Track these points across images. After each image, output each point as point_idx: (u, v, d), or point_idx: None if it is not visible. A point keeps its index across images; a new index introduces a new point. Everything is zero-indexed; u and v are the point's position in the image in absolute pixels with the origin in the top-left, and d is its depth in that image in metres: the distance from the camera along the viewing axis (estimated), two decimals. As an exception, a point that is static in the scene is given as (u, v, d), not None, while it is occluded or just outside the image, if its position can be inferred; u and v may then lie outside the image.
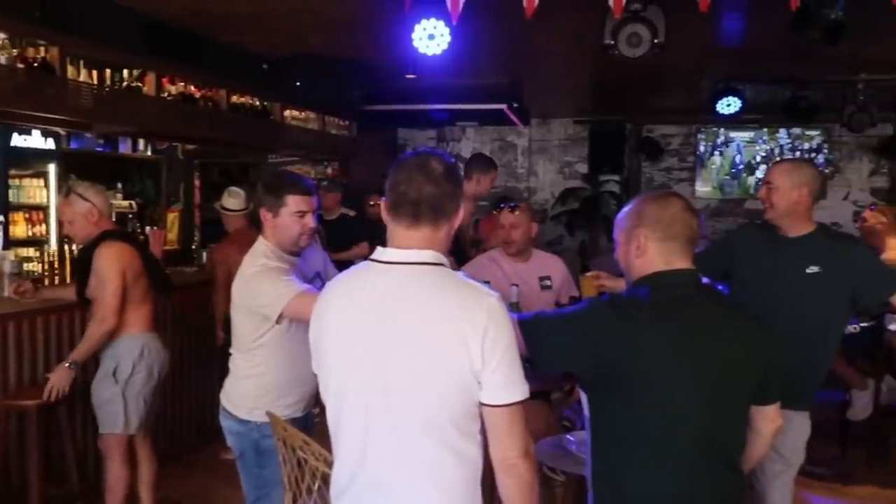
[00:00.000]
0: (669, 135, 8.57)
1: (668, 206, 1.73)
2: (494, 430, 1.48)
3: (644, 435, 1.66)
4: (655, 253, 1.71)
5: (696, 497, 1.68)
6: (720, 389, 1.67)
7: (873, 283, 2.48)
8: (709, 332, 1.68)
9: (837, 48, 3.77)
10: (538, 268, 3.47)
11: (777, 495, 2.53)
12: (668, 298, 1.67)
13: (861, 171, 8.10)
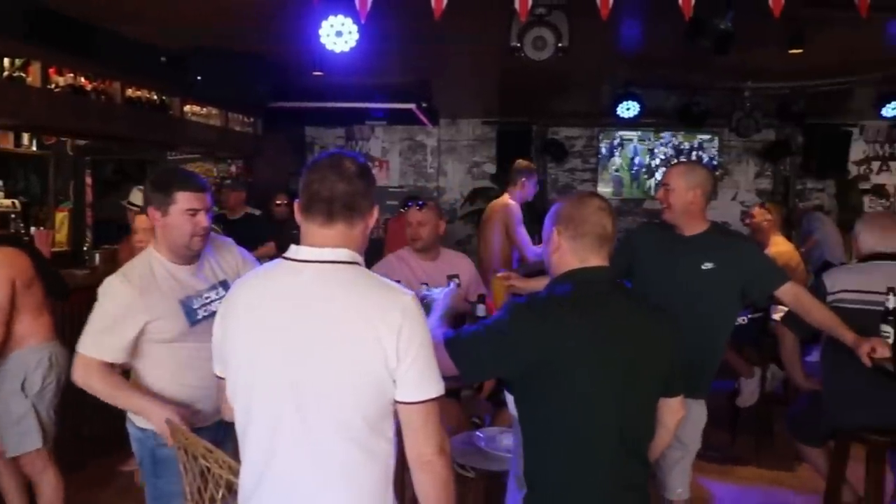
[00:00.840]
0: (573, 137, 8.84)
1: (581, 206, 1.80)
2: (410, 428, 1.48)
3: (567, 428, 1.70)
4: (568, 251, 1.78)
5: (611, 487, 1.73)
6: (635, 383, 1.74)
7: (761, 278, 2.64)
8: (626, 327, 1.75)
9: (726, 57, 3.99)
10: (447, 266, 3.50)
11: (676, 481, 2.66)
12: (587, 295, 1.73)
13: (748, 173, 8.64)
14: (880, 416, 2.72)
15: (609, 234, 1.79)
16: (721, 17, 3.39)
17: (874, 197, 8.32)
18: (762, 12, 3.02)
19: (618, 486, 1.74)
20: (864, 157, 8.36)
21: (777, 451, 4.19)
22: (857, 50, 5.10)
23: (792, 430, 3.31)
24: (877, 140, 8.34)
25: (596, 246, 1.77)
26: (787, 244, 5.24)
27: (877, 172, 8.37)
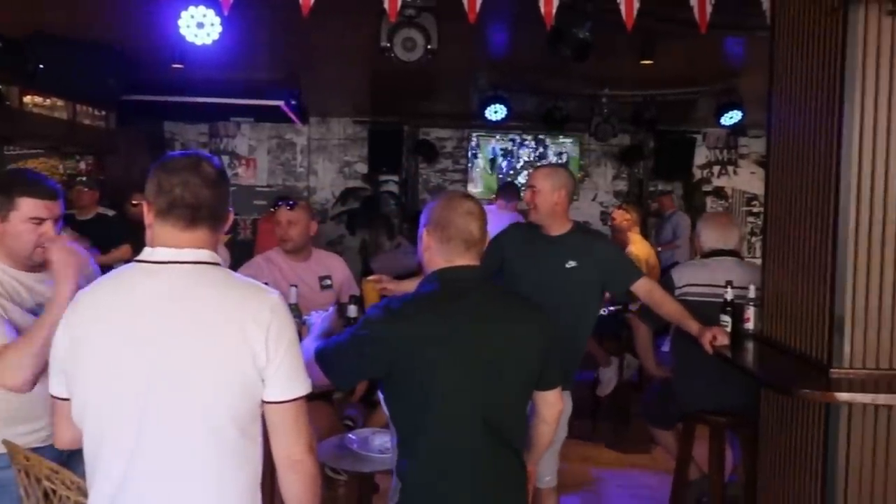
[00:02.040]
0: (444, 138, 8.98)
1: (450, 210, 1.82)
2: (280, 428, 1.46)
3: (431, 423, 1.72)
4: (437, 251, 1.81)
5: (479, 480, 1.76)
6: (500, 376, 1.77)
7: (619, 275, 2.81)
8: (489, 322, 1.77)
9: (585, 65, 4.21)
10: (318, 267, 3.43)
11: (545, 469, 2.77)
12: (450, 293, 1.77)
13: (606, 175, 9.16)
14: (721, 399, 2.98)
15: (476, 238, 1.82)
16: (580, 27, 3.56)
17: (715, 198, 9.09)
18: (617, 24, 3.22)
19: (487, 479, 1.76)
20: (706, 162, 9.11)
21: (634, 436, 4.47)
22: (700, 63, 5.56)
23: (646, 416, 3.56)
24: (717, 146, 9.12)
25: (462, 249, 1.80)
26: (644, 242, 5.62)
27: (717, 176, 9.15)
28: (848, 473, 2.16)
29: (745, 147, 9.06)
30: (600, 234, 3.17)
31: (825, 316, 2.23)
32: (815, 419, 2.27)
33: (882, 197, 2.16)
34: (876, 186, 2.16)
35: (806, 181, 2.40)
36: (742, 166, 9.10)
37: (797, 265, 2.44)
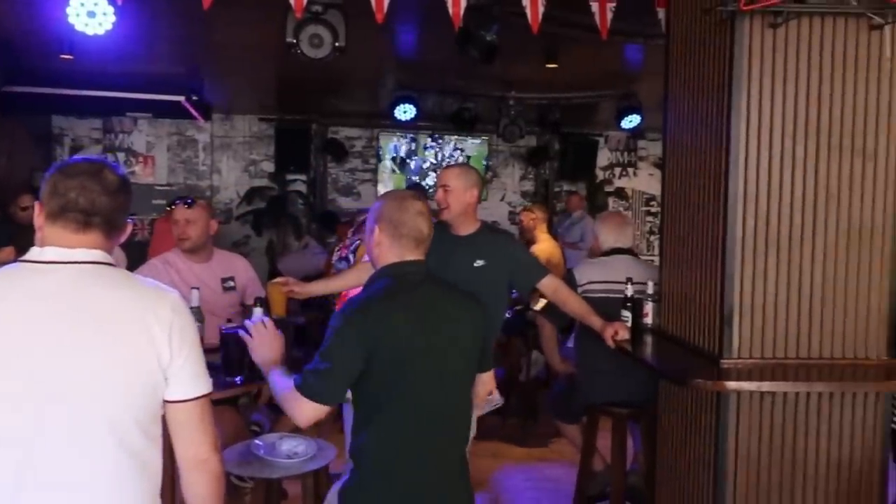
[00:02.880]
0: (353, 137, 8.89)
1: (402, 210, 1.95)
2: (185, 427, 1.44)
3: (392, 409, 1.82)
4: (389, 248, 1.93)
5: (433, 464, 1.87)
6: (454, 362, 1.90)
7: (525, 273, 2.87)
8: (440, 313, 1.91)
9: (493, 67, 4.28)
10: (220, 268, 3.31)
11: None
12: (403, 287, 1.89)
13: (514, 176, 9.34)
14: (622, 391, 3.10)
15: (425, 236, 1.97)
16: (487, 29, 3.62)
17: (616, 198, 9.45)
18: (523, 28, 3.29)
19: (441, 457, 1.89)
20: (608, 164, 9.46)
21: (541, 431, 4.58)
22: (602, 68, 5.77)
23: (552, 410, 3.65)
24: (618, 149, 9.49)
25: (413, 245, 1.94)
26: (551, 241, 5.77)
27: (619, 177, 9.52)
28: (737, 456, 2.30)
29: (643, 150, 9.47)
30: (507, 233, 3.23)
31: (716, 310, 2.36)
32: (708, 407, 2.40)
33: (766, 198, 2.30)
34: (760, 188, 2.30)
35: (698, 183, 2.53)
36: (641, 168, 9.50)
37: (691, 263, 2.57)
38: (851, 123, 2.31)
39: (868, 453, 2.33)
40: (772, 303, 2.31)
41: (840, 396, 2.31)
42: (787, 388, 2.24)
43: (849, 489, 2.33)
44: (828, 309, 2.32)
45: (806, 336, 2.32)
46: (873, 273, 2.33)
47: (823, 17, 2.28)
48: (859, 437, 2.32)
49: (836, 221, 2.32)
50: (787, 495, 2.32)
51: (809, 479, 2.32)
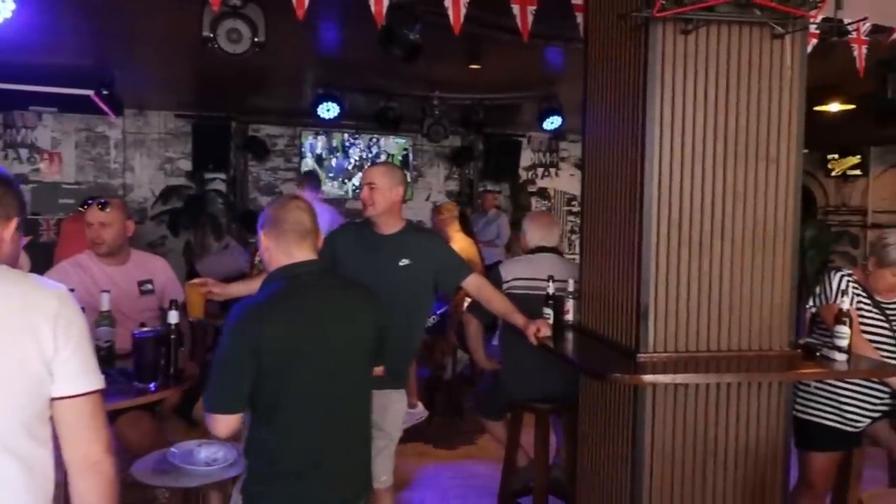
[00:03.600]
0: (275, 135, 8.71)
1: (280, 208, 2.01)
2: (75, 425, 1.38)
3: (284, 407, 1.87)
4: (276, 249, 1.97)
5: (330, 458, 1.93)
6: (350, 358, 1.97)
7: (450, 272, 2.89)
8: (334, 309, 1.97)
9: (416, 67, 4.28)
10: (137, 271, 3.18)
11: (380, 469, 2.78)
12: (297, 287, 1.93)
13: (439, 175, 9.38)
14: (545, 387, 3.16)
15: (308, 229, 1.99)
16: (410, 28, 3.61)
17: (539, 198, 9.64)
18: (445, 28, 3.30)
19: (337, 449, 1.95)
20: (531, 164, 9.64)
21: (466, 428, 4.62)
22: (524, 70, 5.86)
23: (477, 408, 3.69)
24: (540, 149, 9.68)
25: (298, 240, 1.97)
26: (465, 240, 5.81)
27: (541, 177, 9.71)
28: (653, 446, 2.38)
29: (565, 151, 9.69)
30: (432, 232, 3.24)
31: (633, 307, 2.44)
32: (626, 400, 2.48)
33: (678, 200, 2.39)
34: (674, 190, 2.39)
35: (616, 184, 2.60)
36: (563, 168, 9.73)
37: (609, 261, 2.65)
38: (756, 129, 2.43)
39: (773, 439, 2.46)
40: (684, 299, 2.40)
41: (747, 386, 2.43)
42: (699, 379, 2.34)
43: (755, 473, 2.45)
44: (735, 304, 2.44)
45: (716, 330, 2.43)
46: (776, 270, 2.46)
47: (730, 26, 2.39)
48: (765, 424, 2.45)
49: (743, 222, 2.44)
50: (699, 481, 2.42)
51: (720, 464, 2.44)
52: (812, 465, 2.92)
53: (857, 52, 3.77)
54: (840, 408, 2.85)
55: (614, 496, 2.57)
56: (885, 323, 2.83)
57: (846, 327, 2.42)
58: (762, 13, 2.36)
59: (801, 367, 2.43)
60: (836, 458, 2.92)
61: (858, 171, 7.71)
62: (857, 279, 2.89)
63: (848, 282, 2.86)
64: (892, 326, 2.83)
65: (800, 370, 2.45)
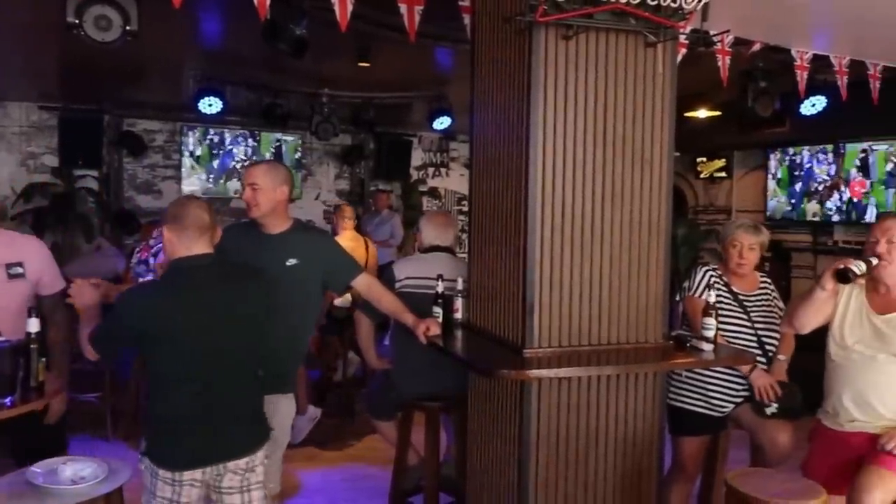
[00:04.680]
0: (153, 130, 8.27)
1: (181, 206, 2.26)
2: None
3: (174, 376, 2.17)
4: (177, 243, 2.20)
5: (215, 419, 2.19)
6: (235, 337, 2.24)
7: (340, 271, 2.85)
8: (219, 293, 2.23)
9: (305, 63, 4.19)
10: (4, 251, 2.81)
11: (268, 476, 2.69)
12: (184, 275, 2.21)
13: (329, 174, 9.24)
14: (436, 386, 3.18)
15: (207, 225, 2.23)
16: (296, 23, 3.52)
17: (430, 198, 9.71)
18: (332, 24, 3.25)
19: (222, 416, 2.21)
20: (422, 164, 9.69)
21: (358, 430, 4.57)
22: (414, 69, 5.88)
23: (368, 408, 3.66)
24: (431, 149, 9.75)
25: (197, 235, 2.20)
26: (359, 240, 5.77)
27: (432, 177, 9.78)
28: (538, 439, 2.45)
29: (455, 151, 9.81)
30: (321, 230, 3.19)
31: (519, 304, 2.49)
32: (513, 395, 2.53)
33: (561, 199, 2.47)
34: (556, 190, 2.47)
35: (502, 184, 2.65)
36: (453, 168, 9.85)
37: (496, 259, 2.70)
38: (632, 133, 2.54)
39: (649, 427, 2.59)
40: (567, 295, 2.49)
41: (625, 377, 2.55)
42: (581, 372, 2.42)
43: (633, 460, 2.58)
44: (615, 300, 2.55)
45: (597, 324, 2.53)
46: (651, 267, 2.59)
47: (608, 33, 2.49)
48: (641, 412, 2.58)
49: (621, 221, 2.55)
50: (581, 471, 2.51)
51: (601, 453, 2.54)
52: (683, 449, 3.11)
53: (721, 62, 4.05)
54: (707, 394, 3.05)
55: (503, 490, 2.62)
56: (743, 314, 3.06)
57: (712, 319, 2.59)
58: (637, 22, 2.47)
59: (674, 358, 2.57)
60: (704, 441, 3.12)
61: (724, 174, 8.29)
62: (720, 273, 3.12)
63: (711, 276, 3.08)
64: (751, 318, 3.06)
65: (672, 360, 2.59)
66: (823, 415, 2.77)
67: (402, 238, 8.05)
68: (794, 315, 2.70)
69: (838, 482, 2.53)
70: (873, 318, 2.61)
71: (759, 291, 3.15)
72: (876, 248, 2.57)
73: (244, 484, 2.26)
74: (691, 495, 3.28)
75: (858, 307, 2.65)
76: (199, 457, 2.17)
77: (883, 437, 2.49)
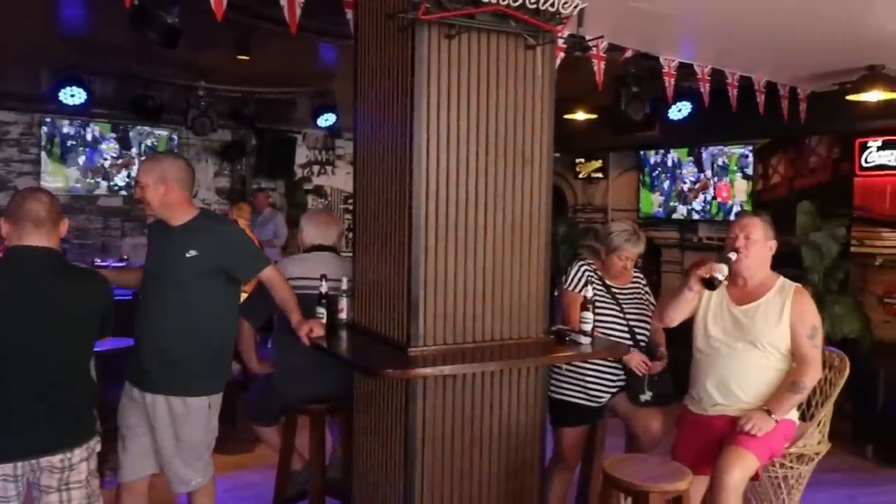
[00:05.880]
0: (8, 122, 7.60)
1: (19, 198, 2.27)
2: None
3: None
4: (12, 234, 2.24)
5: (18, 412, 2.17)
6: (56, 331, 2.23)
7: (246, 262, 2.75)
8: (46, 284, 2.23)
9: (179, 53, 3.97)
10: None
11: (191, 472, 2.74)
12: (11, 266, 2.24)
13: (207, 172, 8.85)
14: (320, 388, 3.11)
15: (43, 218, 2.25)
16: (167, 10, 3.33)
17: (316, 196, 9.53)
18: (208, 13, 3.10)
19: (33, 412, 2.19)
20: (307, 161, 9.49)
21: (240, 436, 4.40)
22: (298, 65, 5.73)
23: (249, 414, 3.53)
24: (316, 147, 9.57)
25: (32, 228, 2.23)
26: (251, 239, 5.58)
27: (318, 175, 9.60)
28: (424, 436, 2.45)
29: (341, 148, 9.68)
30: (226, 220, 3.07)
31: (404, 302, 2.48)
32: (398, 394, 2.52)
33: (445, 197, 2.48)
34: (440, 188, 2.48)
35: (386, 182, 2.64)
36: (339, 167, 9.71)
37: (381, 258, 2.68)
38: (514, 132, 2.60)
39: (531, 420, 2.66)
40: (451, 293, 2.50)
41: (508, 373, 2.60)
42: (466, 369, 2.45)
43: (517, 453, 2.64)
44: (497, 296, 2.59)
45: (481, 321, 2.56)
46: (532, 264, 2.66)
47: (489, 34, 2.53)
48: (524, 406, 2.65)
49: (503, 219, 2.60)
50: (466, 466, 2.54)
51: (485, 448, 2.58)
52: (564, 439, 3.22)
53: (596, 67, 4.23)
54: (585, 386, 3.18)
55: (389, 490, 2.61)
56: (616, 307, 3.21)
57: (590, 314, 2.70)
58: (517, 25, 2.53)
59: (554, 352, 2.66)
60: (584, 431, 3.25)
61: (600, 174, 8.68)
62: (595, 268, 3.26)
63: (585, 271, 3.22)
64: (623, 310, 3.22)
65: (553, 354, 2.68)
66: (689, 401, 2.95)
67: (287, 238, 7.85)
68: (664, 311, 2.86)
69: (703, 463, 2.70)
70: (733, 309, 2.81)
71: (631, 286, 3.31)
72: (735, 243, 2.78)
73: (62, 482, 2.24)
74: (572, 483, 3.40)
75: (720, 300, 2.85)
76: (2, 451, 2.15)
77: (741, 419, 2.69)
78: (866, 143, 5.76)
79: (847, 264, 5.59)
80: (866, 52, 4.29)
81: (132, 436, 2.73)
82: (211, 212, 3.01)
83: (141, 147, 8.25)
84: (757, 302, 2.79)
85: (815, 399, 3.12)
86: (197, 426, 2.69)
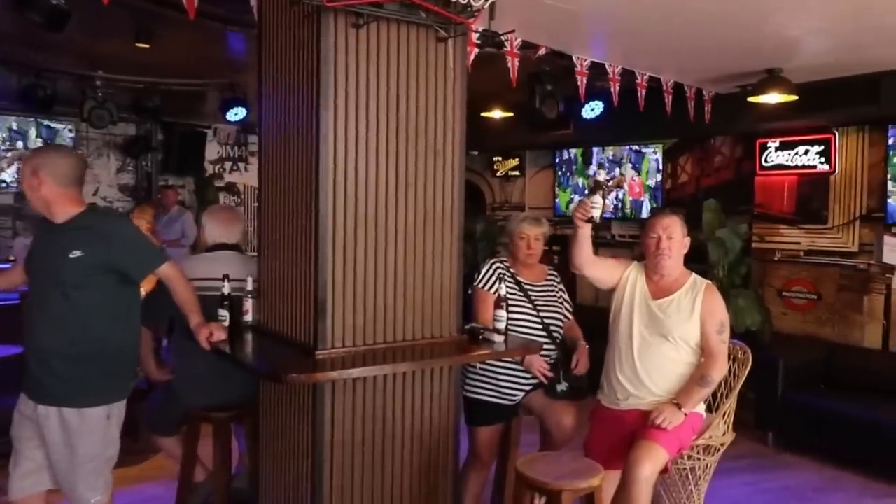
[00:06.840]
0: None
1: None
2: None
3: None
4: None
5: None
6: None
7: (140, 259, 2.55)
8: None
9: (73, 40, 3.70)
10: None
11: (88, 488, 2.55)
12: None
13: (109, 167, 8.37)
14: (224, 395, 2.95)
15: None
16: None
17: (228, 194, 9.18)
18: (98, -4, 2.88)
19: None
20: (218, 157, 9.12)
21: (140, 447, 4.15)
22: (204, 55, 5.46)
23: (148, 424, 3.32)
24: (228, 142, 9.21)
25: None
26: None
27: (230, 172, 9.24)
28: (333, 442, 2.35)
29: (254, 144, 9.34)
30: (113, 215, 2.85)
31: (310, 303, 2.37)
32: (305, 399, 2.41)
33: (353, 190, 2.39)
34: (349, 180, 2.38)
35: (292, 178, 2.51)
36: (252, 163, 9.37)
37: (287, 257, 2.55)
38: (425, 123, 2.54)
39: (445, 420, 2.60)
40: (361, 293, 2.41)
41: (420, 373, 2.53)
42: (376, 371, 2.36)
43: (430, 454, 2.57)
44: (409, 295, 2.52)
45: (391, 321, 2.48)
46: (444, 259, 2.60)
47: (399, 24, 2.45)
48: (437, 407, 2.58)
49: (415, 214, 2.53)
50: (377, 469, 2.46)
51: (398, 450, 2.50)
52: (478, 438, 3.19)
53: (510, 64, 4.22)
54: (498, 384, 3.15)
55: (298, 496, 2.49)
56: (529, 304, 3.20)
57: (503, 311, 2.66)
58: (427, 16, 2.46)
59: (468, 351, 2.61)
60: (498, 429, 3.22)
61: (518, 172, 8.76)
62: (507, 265, 3.24)
63: (497, 268, 3.20)
64: (536, 306, 3.21)
65: (466, 354, 2.63)
66: (602, 395, 2.98)
67: (196, 238, 7.52)
68: (572, 259, 2.86)
69: (616, 458, 2.72)
70: (650, 302, 2.86)
71: (545, 283, 3.31)
72: (660, 244, 2.82)
73: None
74: (488, 481, 3.37)
75: (641, 294, 2.89)
76: None
77: (653, 412, 2.72)
78: (766, 144, 6.03)
79: (749, 260, 5.85)
80: (766, 55, 4.46)
81: (24, 449, 2.51)
82: (98, 207, 2.79)
83: (34, 141, 7.71)
84: (671, 297, 2.84)
85: (721, 391, 3.20)
86: (94, 439, 2.49)
